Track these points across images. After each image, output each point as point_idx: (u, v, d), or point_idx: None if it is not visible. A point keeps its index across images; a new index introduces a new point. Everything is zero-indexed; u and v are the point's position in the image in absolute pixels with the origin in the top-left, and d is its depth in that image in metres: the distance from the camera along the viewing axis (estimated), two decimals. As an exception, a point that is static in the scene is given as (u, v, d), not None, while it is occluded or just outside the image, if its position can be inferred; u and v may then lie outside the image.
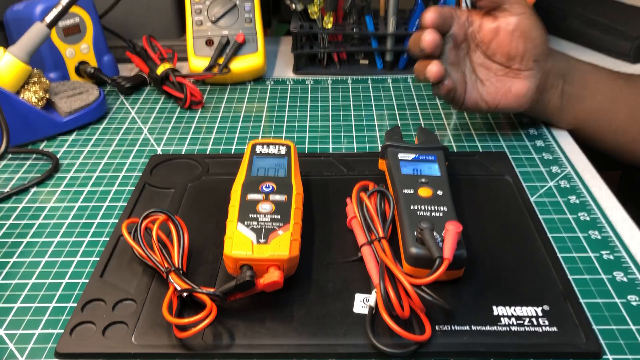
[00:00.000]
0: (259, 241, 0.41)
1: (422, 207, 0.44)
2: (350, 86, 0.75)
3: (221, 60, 0.74)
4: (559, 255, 0.45)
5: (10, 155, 0.61)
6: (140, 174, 0.56)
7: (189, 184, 0.54)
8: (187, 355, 0.37)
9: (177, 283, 0.40)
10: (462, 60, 0.57)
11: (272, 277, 0.39)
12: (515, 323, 0.39)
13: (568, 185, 0.54)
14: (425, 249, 0.41)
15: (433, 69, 0.53)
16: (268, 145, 0.52)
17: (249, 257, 0.40)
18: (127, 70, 0.81)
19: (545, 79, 0.57)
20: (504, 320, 0.39)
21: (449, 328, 0.39)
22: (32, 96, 0.62)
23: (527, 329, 0.38)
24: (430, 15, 0.53)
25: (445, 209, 0.44)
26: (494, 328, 0.38)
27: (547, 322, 0.39)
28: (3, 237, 0.49)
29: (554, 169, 0.56)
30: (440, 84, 0.54)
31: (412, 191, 0.46)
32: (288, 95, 0.73)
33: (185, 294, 0.39)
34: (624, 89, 0.59)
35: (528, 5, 0.55)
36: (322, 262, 0.44)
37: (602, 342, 0.38)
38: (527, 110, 0.59)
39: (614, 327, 0.39)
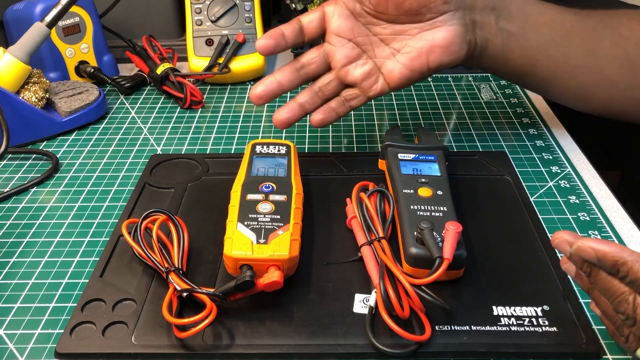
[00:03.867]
0: (258, 241, 0.41)
1: (422, 207, 0.44)
2: (350, 86, 0.75)
3: (221, 60, 0.74)
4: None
5: (10, 155, 0.61)
6: (140, 174, 0.56)
7: (188, 184, 0.54)
8: (187, 355, 0.37)
9: (177, 283, 0.40)
10: (368, 44, 0.52)
11: (272, 277, 0.39)
12: (515, 323, 0.39)
13: (568, 185, 0.54)
14: (425, 249, 0.41)
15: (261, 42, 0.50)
16: (268, 145, 0.52)
17: (249, 257, 0.40)
18: (127, 70, 0.81)
19: (471, 17, 0.51)
20: (504, 320, 0.39)
21: (449, 328, 0.39)
22: (32, 96, 0.62)
23: (527, 329, 0.38)
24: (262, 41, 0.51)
25: (445, 209, 0.44)
26: (493, 328, 0.38)
27: (547, 322, 0.39)
28: (3, 237, 0.49)
29: (554, 169, 0.56)
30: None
31: (412, 191, 0.46)
32: (288, 95, 0.73)
33: (185, 294, 0.39)
34: (574, 22, 0.53)
35: None
36: (322, 262, 0.44)
37: (602, 342, 0.38)
38: (471, 61, 0.53)
39: (613, 327, 0.39)
